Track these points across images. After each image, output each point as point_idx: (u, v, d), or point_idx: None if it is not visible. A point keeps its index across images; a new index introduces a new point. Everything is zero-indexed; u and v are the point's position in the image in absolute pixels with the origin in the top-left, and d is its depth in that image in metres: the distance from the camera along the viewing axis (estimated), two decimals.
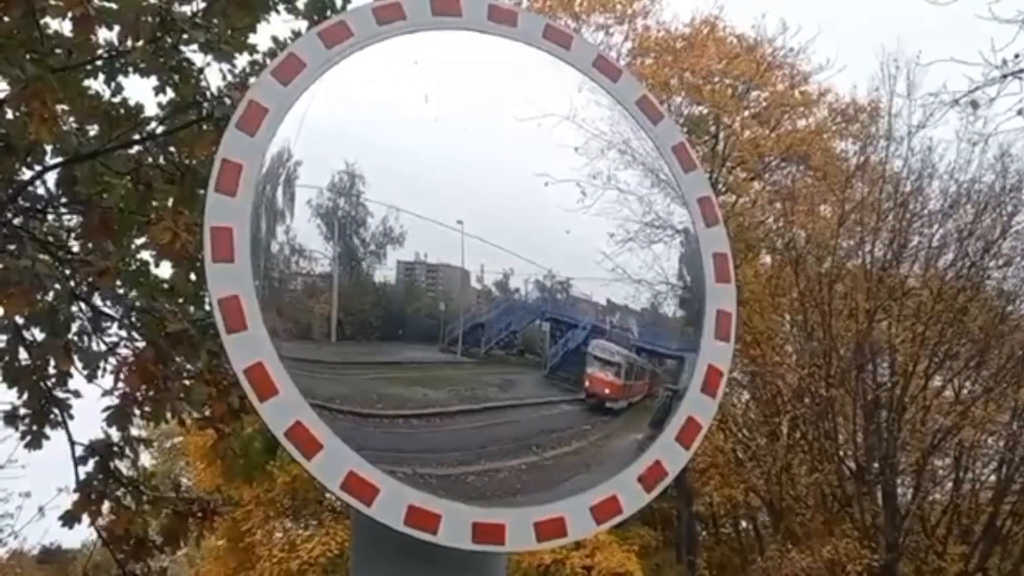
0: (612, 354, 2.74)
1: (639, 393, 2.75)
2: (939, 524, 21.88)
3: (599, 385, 2.66)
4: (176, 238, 6.19)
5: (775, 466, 21.83)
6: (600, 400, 2.65)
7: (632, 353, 2.76)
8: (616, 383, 2.69)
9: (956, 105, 12.10)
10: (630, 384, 2.72)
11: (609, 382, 2.69)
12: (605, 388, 2.68)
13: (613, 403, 2.68)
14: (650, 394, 2.59)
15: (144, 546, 7.19)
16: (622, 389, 2.71)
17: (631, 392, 2.73)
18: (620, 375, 2.71)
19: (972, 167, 21.94)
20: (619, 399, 2.69)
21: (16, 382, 7.29)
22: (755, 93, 27.27)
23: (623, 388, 2.71)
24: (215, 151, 2.22)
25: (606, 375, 2.67)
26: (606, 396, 2.66)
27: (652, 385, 2.61)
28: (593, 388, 2.64)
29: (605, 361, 2.72)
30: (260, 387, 2.06)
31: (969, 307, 21.18)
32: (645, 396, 2.72)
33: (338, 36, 2.38)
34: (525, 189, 2.46)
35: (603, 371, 2.67)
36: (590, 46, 2.81)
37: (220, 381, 6.67)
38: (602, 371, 2.67)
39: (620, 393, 2.71)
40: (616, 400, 2.68)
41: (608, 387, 2.70)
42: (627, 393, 2.73)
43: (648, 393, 2.62)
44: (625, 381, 2.73)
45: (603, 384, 2.67)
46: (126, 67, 6.91)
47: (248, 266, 2.13)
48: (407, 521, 2.08)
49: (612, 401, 2.68)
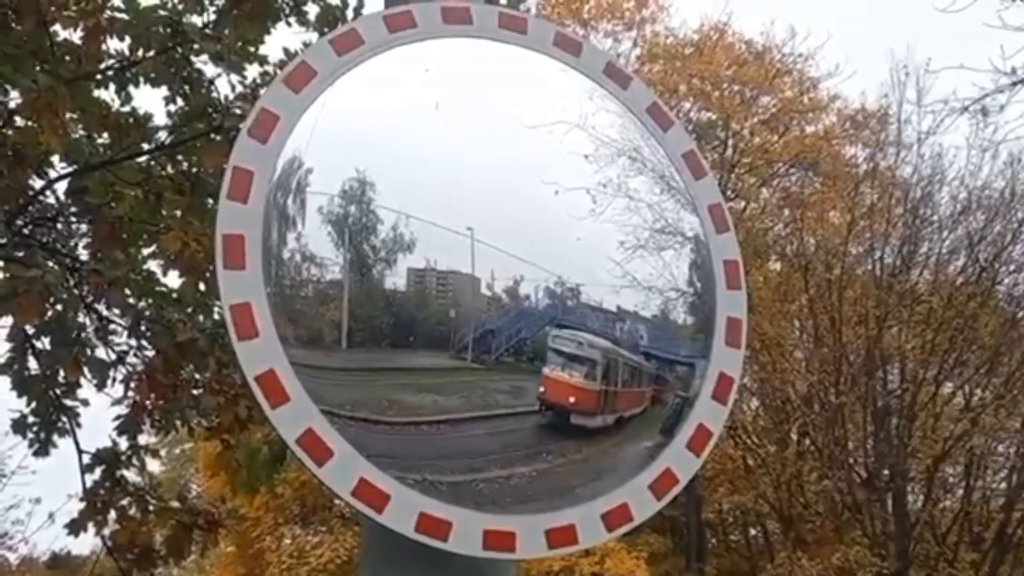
0: (582, 346, 2.26)
1: (634, 404, 2.39)
2: (950, 532, 21.76)
3: (559, 391, 2.22)
4: (185, 248, 6.22)
5: (784, 473, 21.76)
6: (562, 412, 2.22)
7: (621, 348, 2.33)
8: (586, 388, 2.23)
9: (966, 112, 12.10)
10: (614, 390, 2.28)
11: (575, 387, 2.22)
12: (569, 395, 2.23)
13: (585, 418, 2.23)
14: (658, 401, 2.51)
15: (149, 556, 7.20)
16: (597, 398, 2.24)
17: (617, 402, 2.28)
18: (594, 376, 2.24)
19: (982, 173, 21.92)
20: (594, 411, 2.25)
21: (25, 391, 7.31)
22: (764, 99, 27.27)
23: (598, 397, 2.24)
24: (225, 162, 2.23)
25: (570, 376, 2.24)
26: (571, 407, 2.21)
27: (661, 392, 2.52)
28: (549, 395, 2.24)
29: (571, 356, 2.26)
30: (271, 394, 2.07)
31: (979, 314, 21.08)
32: (648, 406, 2.47)
33: (349, 43, 2.38)
34: (535, 196, 2.46)
35: (567, 370, 2.27)
36: (600, 53, 2.81)
37: (228, 391, 6.68)
38: (565, 370, 2.27)
39: (593, 403, 2.23)
40: (589, 413, 2.24)
41: (573, 394, 2.22)
42: (607, 404, 2.26)
43: (656, 400, 2.50)
44: (603, 386, 2.26)
45: (565, 390, 2.21)
46: (136, 77, 6.94)
47: (259, 273, 2.13)
48: (418, 528, 2.08)
49: (583, 415, 2.23)
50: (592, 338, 2.31)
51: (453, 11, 2.49)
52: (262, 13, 6.97)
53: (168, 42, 6.63)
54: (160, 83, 7.00)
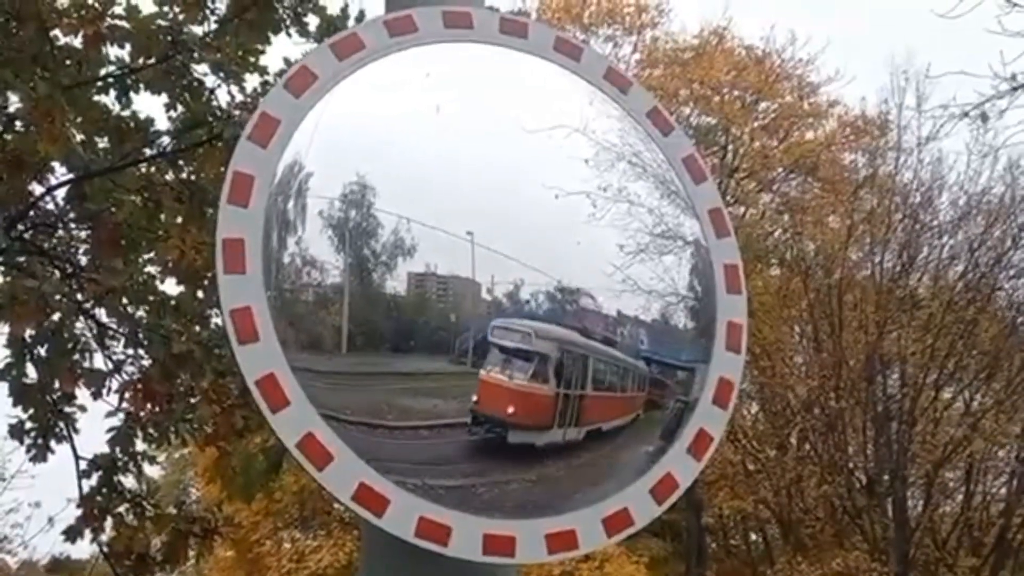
0: (528, 337, 1.87)
1: (617, 412, 2.12)
2: (949, 537, 21.75)
3: (493, 399, 1.91)
4: (184, 256, 6.23)
5: (784, 478, 21.75)
6: (499, 426, 1.89)
7: (594, 340, 1.96)
8: (531, 393, 1.87)
9: (966, 117, 12.09)
10: (579, 395, 1.89)
11: (514, 392, 1.91)
12: (506, 404, 1.88)
13: (531, 433, 1.84)
14: (657, 406, 2.48)
15: (145, 562, 7.20)
16: (548, 406, 1.87)
17: (585, 411, 1.87)
18: (544, 376, 1.88)
19: (982, 179, 21.95)
20: (544, 423, 1.90)
21: (22, 399, 7.31)
22: (764, 104, 27.27)
23: (552, 404, 1.87)
24: (224, 170, 2.23)
25: (508, 378, 1.94)
26: (509, 419, 1.84)
27: (661, 396, 2.49)
28: (483, 404, 1.93)
29: (513, 352, 1.90)
30: (272, 398, 2.06)
31: (979, 319, 21.10)
32: (640, 414, 2.33)
33: (350, 48, 2.39)
34: (536, 201, 2.46)
35: (507, 370, 1.94)
36: (601, 58, 2.81)
37: (224, 401, 6.68)
38: (505, 371, 1.96)
39: (543, 412, 1.88)
40: (537, 426, 1.87)
41: (512, 402, 1.86)
42: (567, 413, 1.86)
43: (654, 405, 2.45)
44: (559, 389, 1.92)
45: (500, 397, 1.87)
46: (137, 84, 6.95)
47: (260, 277, 2.13)
48: (418, 532, 2.08)
49: (528, 429, 1.87)
50: (543, 326, 1.98)
51: (454, 16, 2.50)
52: (263, 23, 6.99)
53: (168, 50, 6.64)
54: (160, 91, 7.01)
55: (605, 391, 2.27)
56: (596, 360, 2.19)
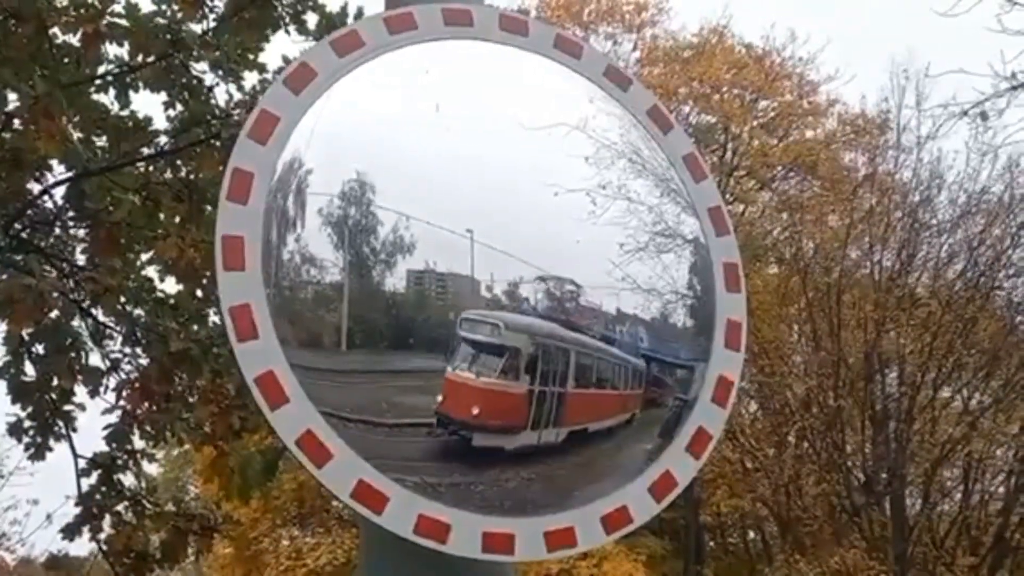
0: (497, 329, 1.71)
1: (606, 412, 2.00)
2: (948, 536, 21.76)
3: (458, 399, 1.72)
4: (182, 254, 6.23)
5: (783, 476, 21.75)
6: (464, 429, 1.74)
7: (580, 331, 1.78)
8: (499, 391, 1.73)
9: (965, 116, 12.11)
10: (557, 393, 1.73)
11: (483, 390, 1.69)
12: (472, 404, 1.70)
13: (500, 436, 1.71)
14: (656, 404, 2.47)
15: (144, 560, 7.21)
16: (520, 405, 1.71)
17: (565, 411, 1.71)
18: (515, 372, 1.74)
19: (981, 177, 21.94)
20: (516, 425, 1.74)
21: (21, 397, 7.31)
22: (763, 103, 27.28)
23: (524, 403, 1.71)
24: (223, 169, 2.22)
25: (475, 376, 1.79)
26: (474, 421, 1.68)
27: (660, 394, 2.48)
28: (448, 406, 1.78)
29: (482, 346, 1.73)
30: (271, 395, 2.06)
31: (978, 317, 21.09)
32: (635, 413, 2.29)
33: (350, 45, 2.38)
34: (535, 198, 2.45)
35: (474, 367, 1.80)
36: (601, 56, 2.81)
37: (221, 401, 6.69)
38: (472, 367, 1.82)
39: (514, 413, 1.71)
40: (507, 428, 1.72)
41: (477, 401, 1.69)
42: (543, 413, 1.72)
43: (652, 403, 2.43)
44: (534, 386, 1.77)
45: (465, 396, 1.69)
46: (136, 83, 6.95)
47: (259, 275, 2.13)
48: (417, 530, 2.08)
49: (497, 432, 1.71)
50: (514, 317, 1.84)
51: (454, 13, 2.49)
52: (262, 21, 6.99)
53: (167, 49, 6.63)
54: (159, 89, 7.01)
55: (592, 388, 2.21)
56: (581, 355, 2.12)
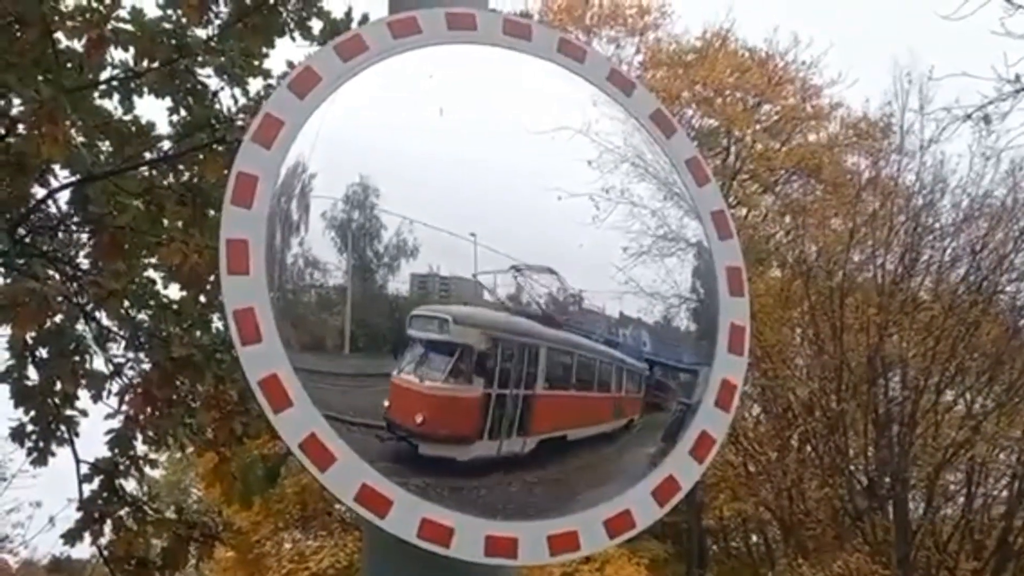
0: (445, 325, 1.49)
1: (590, 417, 1.86)
2: (951, 539, 21.71)
3: (401, 405, 1.58)
4: (186, 259, 6.23)
5: (785, 480, 21.72)
6: (409, 437, 1.60)
7: (552, 324, 1.61)
8: (445, 396, 1.54)
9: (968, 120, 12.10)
10: (521, 396, 1.55)
11: (427, 396, 1.54)
12: (415, 411, 1.55)
13: (450, 447, 1.52)
14: (660, 408, 2.47)
15: (145, 567, 7.19)
16: (471, 411, 1.51)
17: (534, 417, 1.51)
18: (465, 375, 1.57)
19: (984, 181, 21.92)
20: (466, 434, 1.58)
21: (24, 401, 7.31)
22: (766, 106, 27.28)
23: (476, 409, 1.52)
24: (227, 174, 2.23)
25: (418, 379, 1.62)
26: (418, 429, 1.53)
27: (665, 399, 2.47)
28: (394, 411, 1.65)
29: (429, 344, 1.57)
30: (274, 399, 2.06)
31: (981, 321, 21.06)
32: (633, 418, 2.25)
33: (354, 49, 2.39)
34: (538, 202, 2.46)
35: (419, 369, 1.67)
36: (604, 59, 2.81)
37: (224, 406, 6.68)
38: (418, 370, 1.69)
39: (462, 420, 1.53)
40: (455, 438, 1.53)
41: (421, 408, 1.52)
42: (502, 420, 1.53)
43: (654, 408, 2.42)
44: (491, 387, 1.57)
45: (409, 402, 1.54)
46: (140, 88, 6.95)
47: (263, 278, 2.13)
48: (420, 534, 2.08)
49: (445, 442, 1.54)
50: (465, 310, 1.71)
51: (457, 17, 2.50)
52: (266, 27, 7.00)
53: (172, 54, 6.65)
54: (163, 94, 7.01)
55: (572, 390, 2.15)
56: (556, 352, 2.02)
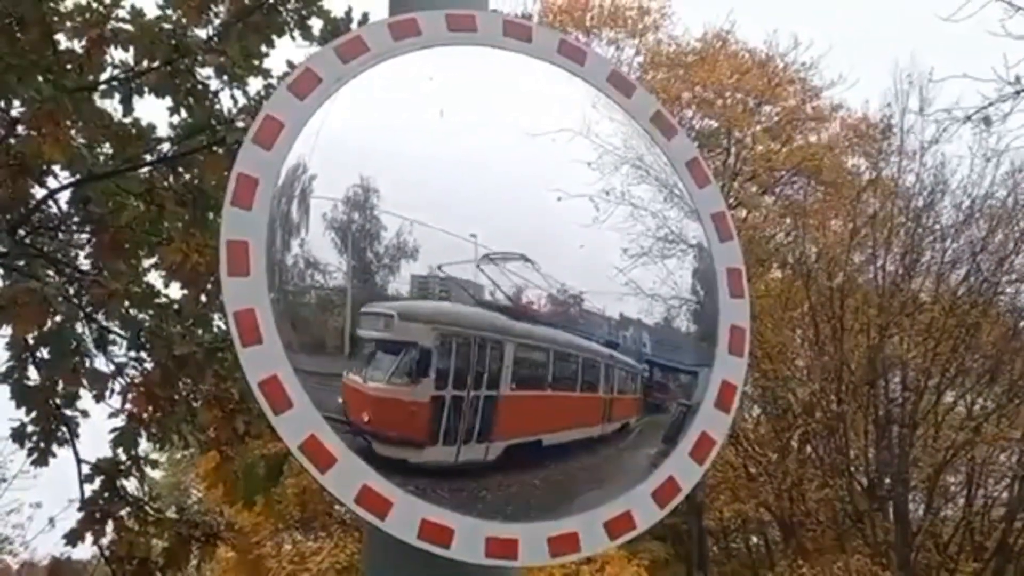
0: (391, 322, 1.45)
1: (569, 419, 1.81)
2: (951, 541, 21.72)
3: (351, 405, 1.60)
4: (187, 259, 6.24)
5: (786, 481, 21.71)
6: (362, 436, 1.56)
7: (521, 319, 1.55)
8: (388, 397, 1.49)
9: (969, 121, 12.10)
10: (483, 397, 1.50)
11: (371, 397, 1.50)
12: (361, 411, 1.53)
13: (401, 448, 1.47)
14: (661, 409, 2.48)
15: (146, 567, 7.18)
16: (418, 414, 1.48)
17: (500, 420, 1.47)
18: (409, 373, 1.53)
19: (985, 182, 21.92)
20: (415, 438, 1.53)
21: (25, 401, 7.31)
22: (767, 108, 27.26)
23: (425, 412, 1.49)
24: (227, 175, 2.23)
25: (365, 379, 1.56)
26: (367, 428, 1.51)
27: (666, 400, 2.48)
28: (348, 410, 1.69)
29: (378, 343, 1.52)
30: (275, 400, 2.06)
31: (981, 323, 21.07)
32: (629, 421, 2.28)
33: (354, 51, 2.39)
34: (539, 204, 2.46)
35: (367, 369, 1.65)
36: (604, 61, 2.82)
37: (226, 405, 6.68)
38: (364, 369, 1.66)
39: (410, 422, 1.49)
40: (404, 440, 1.49)
41: (366, 408, 1.49)
42: (458, 423, 1.51)
43: (657, 408, 2.44)
44: (444, 389, 1.52)
45: (356, 402, 1.54)
46: (140, 88, 6.96)
47: (263, 279, 2.13)
48: (420, 535, 2.08)
49: (396, 444, 1.46)
50: (411, 305, 1.68)
51: (458, 19, 2.50)
52: (266, 27, 7.00)
53: (172, 54, 6.65)
54: (163, 94, 7.02)
55: (547, 390, 2.15)
56: (526, 348, 1.99)
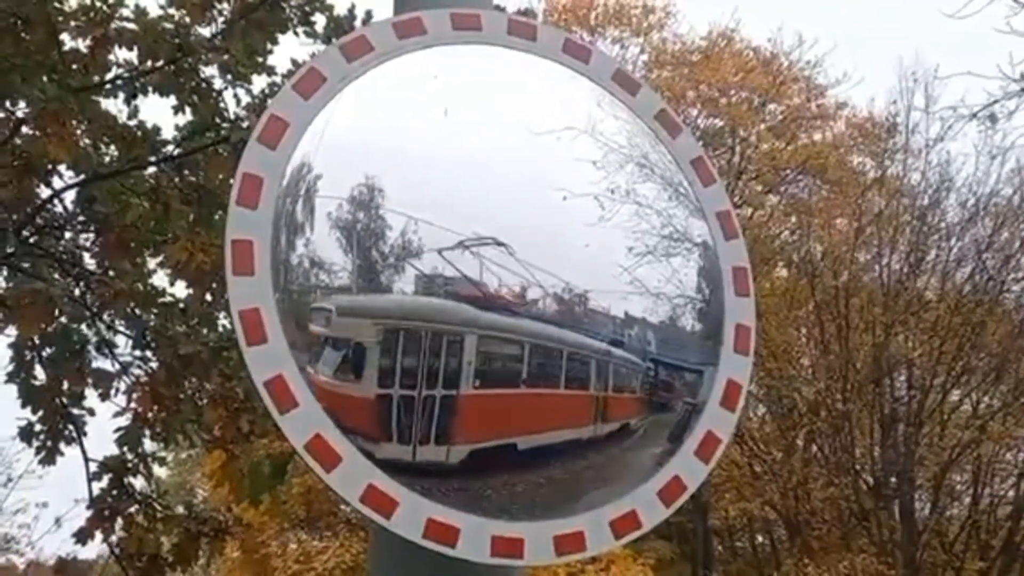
0: (330, 317, 1.56)
1: (563, 420, 1.88)
2: (957, 540, 21.70)
3: (318, 394, 1.79)
4: (192, 258, 6.24)
5: (791, 480, 21.71)
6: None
7: (488, 309, 1.72)
8: (340, 393, 1.60)
9: (974, 118, 12.08)
10: (437, 397, 1.58)
11: (325, 390, 1.69)
12: (322, 401, 1.73)
13: (370, 443, 1.56)
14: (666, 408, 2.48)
15: (156, 563, 7.19)
16: (369, 415, 1.56)
17: (457, 422, 1.56)
18: (348, 372, 1.68)
19: (990, 180, 21.93)
20: (372, 435, 1.63)
21: (31, 400, 7.32)
22: (771, 106, 27.25)
23: (373, 412, 1.59)
24: (232, 173, 2.23)
25: (316, 373, 1.76)
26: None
27: (671, 399, 2.48)
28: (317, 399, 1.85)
29: (325, 341, 1.70)
30: (280, 399, 2.06)
31: (987, 321, 21.04)
32: (630, 422, 2.30)
33: (359, 50, 2.38)
34: (543, 202, 2.45)
35: (316, 364, 1.87)
36: (609, 59, 2.81)
37: (231, 404, 6.68)
38: (315, 365, 1.87)
39: (365, 423, 1.61)
40: (368, 436, 1.57)
41: (323, 399, 1.70)
42: (415, 424, 1.67)
43: (663, 407, 2.46)
44: (390, 387, 1.60)
45: (319, 392, 1.73)
46: (145, 87, 6.97)
47: (268, 279, 2.13)
48: (426, 534, 2.08)
49: (355, 433, 1.55)
50: (354, 299, 1.83)
51: (463, 17, 2.49)
52: (270, 24, 7.01)
53: (176, 53, 6.66)
54: (168, 93, 7.03)
55: (522, 388, 2.17)
56: (491, 341, 2.02)
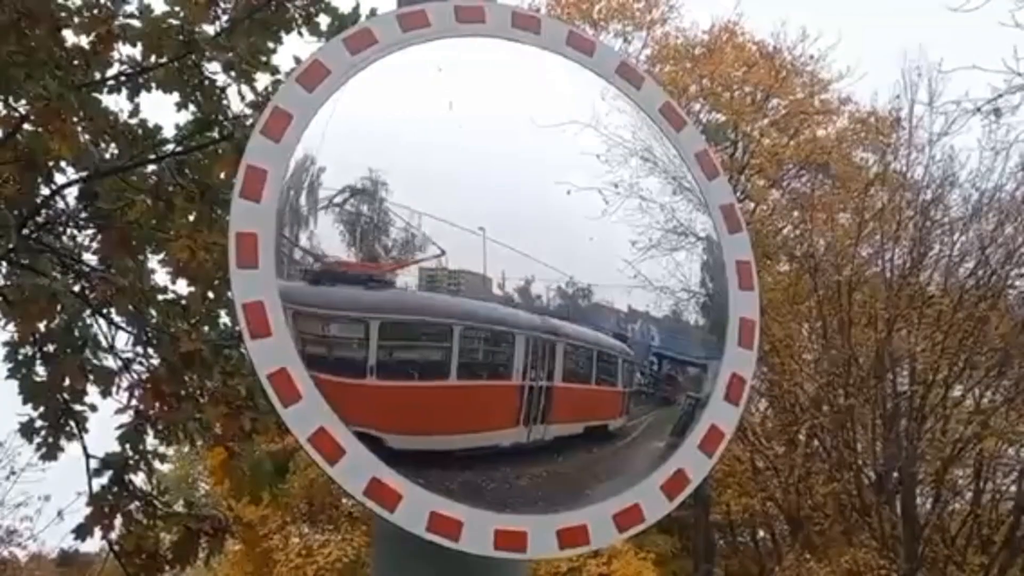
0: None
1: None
2: (959, 535, 21.71)
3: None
4: (194, 256, 6.24)
5: (793, 475, 21.74)
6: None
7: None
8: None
9: (978, 113, 12.06)
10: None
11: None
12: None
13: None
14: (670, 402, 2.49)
15: (155, 561, 7.19)
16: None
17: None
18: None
19: (994, 175, 21.86)
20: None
21: (33, 397, 7.33)
22: (774, 101, 27.22)
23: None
24: (235, 171, 2.23)
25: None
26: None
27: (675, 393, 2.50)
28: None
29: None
30: (284, 392, 2.06)
31: (990, 316, 21.02)
32: (606, 421, 2.39)
33: (363, 42, 2.38)
34: (547, 196, 2.45)
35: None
36: (613, 53, 2.80)
37: (232, 401, 6.68)
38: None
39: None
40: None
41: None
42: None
43: (666, 401, 2.47)
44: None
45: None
46: (148, 84, 6.96)
47: (272, 272, 2.13)
48: (429, 527, 2.08)
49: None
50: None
51: (467, 10, 2.49)
52: (274, 23, 7.00)
53: (180, 50, 6.65)
54: (171, 90, 7.02)
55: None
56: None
